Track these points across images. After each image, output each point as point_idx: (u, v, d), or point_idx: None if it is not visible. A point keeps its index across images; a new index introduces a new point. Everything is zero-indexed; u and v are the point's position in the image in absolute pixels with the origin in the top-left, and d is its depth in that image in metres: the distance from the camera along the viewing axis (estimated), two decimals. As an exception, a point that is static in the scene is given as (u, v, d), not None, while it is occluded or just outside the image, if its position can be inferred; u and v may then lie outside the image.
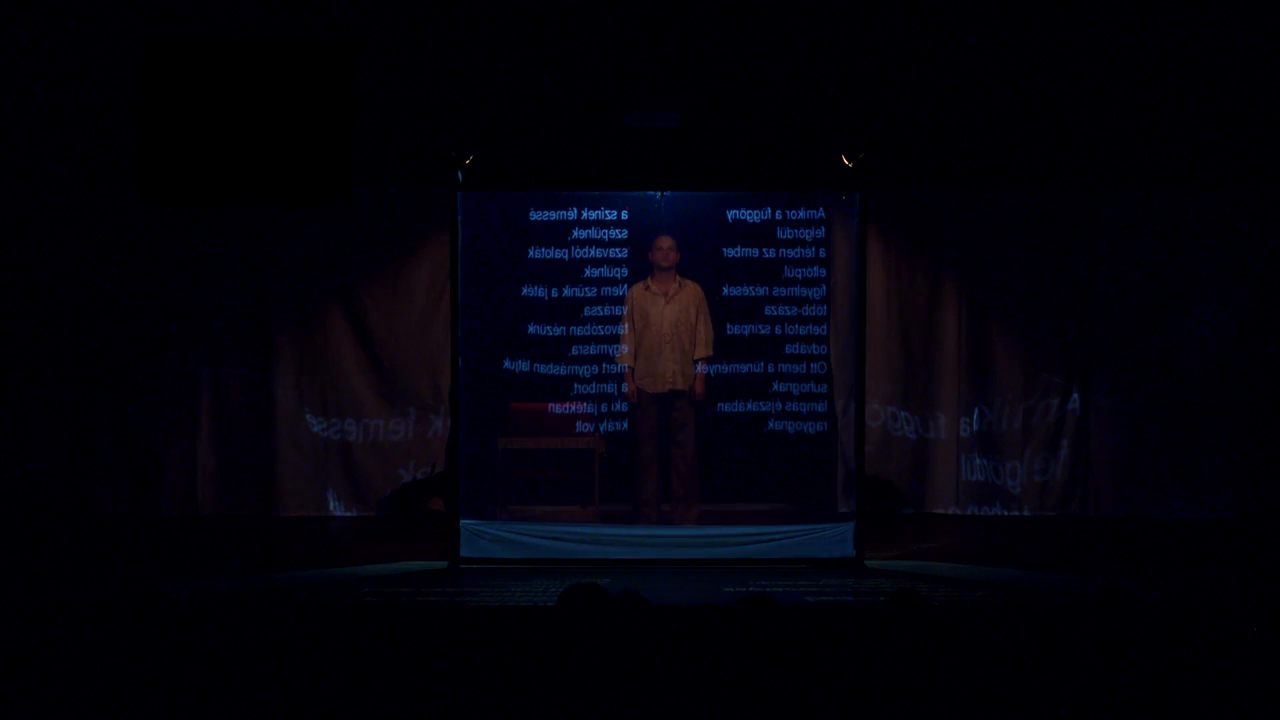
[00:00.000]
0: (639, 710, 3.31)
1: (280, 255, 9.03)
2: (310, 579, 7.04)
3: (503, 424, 7.92)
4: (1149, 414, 8.98)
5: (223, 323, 9.02)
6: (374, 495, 9.06)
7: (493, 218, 7.81)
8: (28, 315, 8.89)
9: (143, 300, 8.95)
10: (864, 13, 7.69)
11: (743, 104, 8.41)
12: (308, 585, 6.87)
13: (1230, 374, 8.94)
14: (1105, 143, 8.75)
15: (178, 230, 8.94)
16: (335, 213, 8.86)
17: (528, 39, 7.85)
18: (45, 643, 3.84)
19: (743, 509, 8.06)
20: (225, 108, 5.10)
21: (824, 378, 7.75)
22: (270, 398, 9.03)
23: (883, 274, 9.08)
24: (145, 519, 8.87)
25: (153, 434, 8.98)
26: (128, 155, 7.57)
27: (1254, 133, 8.62)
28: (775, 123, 8.47)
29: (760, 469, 7.94)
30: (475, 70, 8.13)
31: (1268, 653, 3.73)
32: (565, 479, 7.92)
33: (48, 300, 8.90)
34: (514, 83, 8.21)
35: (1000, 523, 8.91)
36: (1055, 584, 6.88)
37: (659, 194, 7.86)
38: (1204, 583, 6.76)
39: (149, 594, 3.75)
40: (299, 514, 9.00)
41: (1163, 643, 3.53)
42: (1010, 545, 8.21)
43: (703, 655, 3.50)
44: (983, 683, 3.43)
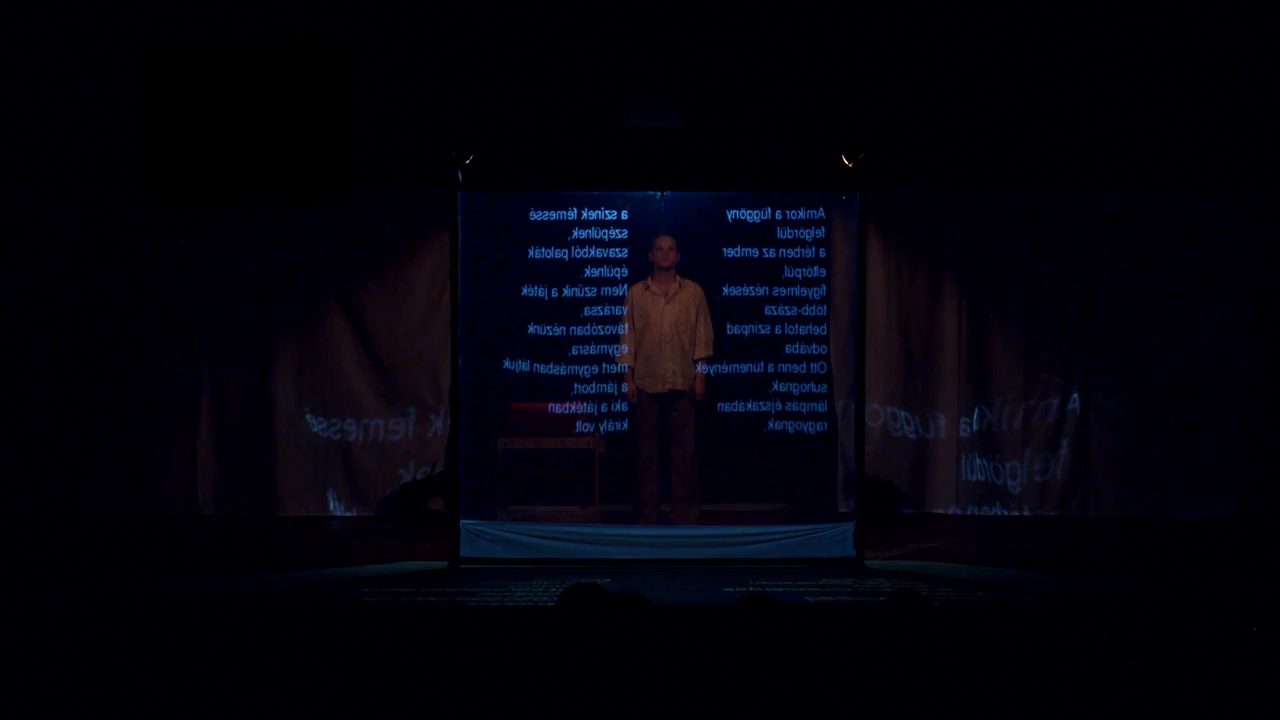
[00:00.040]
0: (639, 710, 3.31)
1: (280, 255, 9.03)
2: (310, 579, 7.03)
3: (503, 424, 7.92)
4: (1149, 414, 8.98)
5: (222, 323, 9.03)
6: (374, 495, 9.07)
7: (493, 218, 7.80)
8: (28, 315, 8.90)
9: (143, 300, 8.95)
10: (864, 13, 7.69)
11: (743, 104, 8.41)
12: (307, 585, 6.86)
13: (1230, 374, 8.95)
14: (1105, 143, 8.75)
15: (178, 230, 8.94)
16: (335, 213, 8.87)
17: (528, 39, 7.85)
18: (45, 643, 3.84)
19: (743, 509, 8.06)
20: (225, 108, 5.10)
21: (824, 378, 7.75)
22: (270, 398, 9.04)
23: (883, 274, 9.09)
24: (145, 519, 8.87)
25: (153, 434, 8.98)
26: (128, 155, 7.57)
27: (1254, 133, 8.62)
28: (775, 123, 8.47)
29: (760, 469, 7.94)
30: (475, 70, 8.13)
31: (1268, 653, 3.73)
32: (565, 479, 7.92)
33: (48, 300, 8.90)
34: (514, 83, 8.20)
35: (1000, 523, 8.91)
36: (1055, 584, 6.88)
37: (659, 194, 7.85)
38: (1204, 583, 6.75)
39: (149, 594, 3.75)
40: (299, 514, 9.00)
41: (1163, 643, 3.53)
42: (1010, 545, 8.21)
43: (703, 655, 3.50)
44: (983, 683, 3.43)
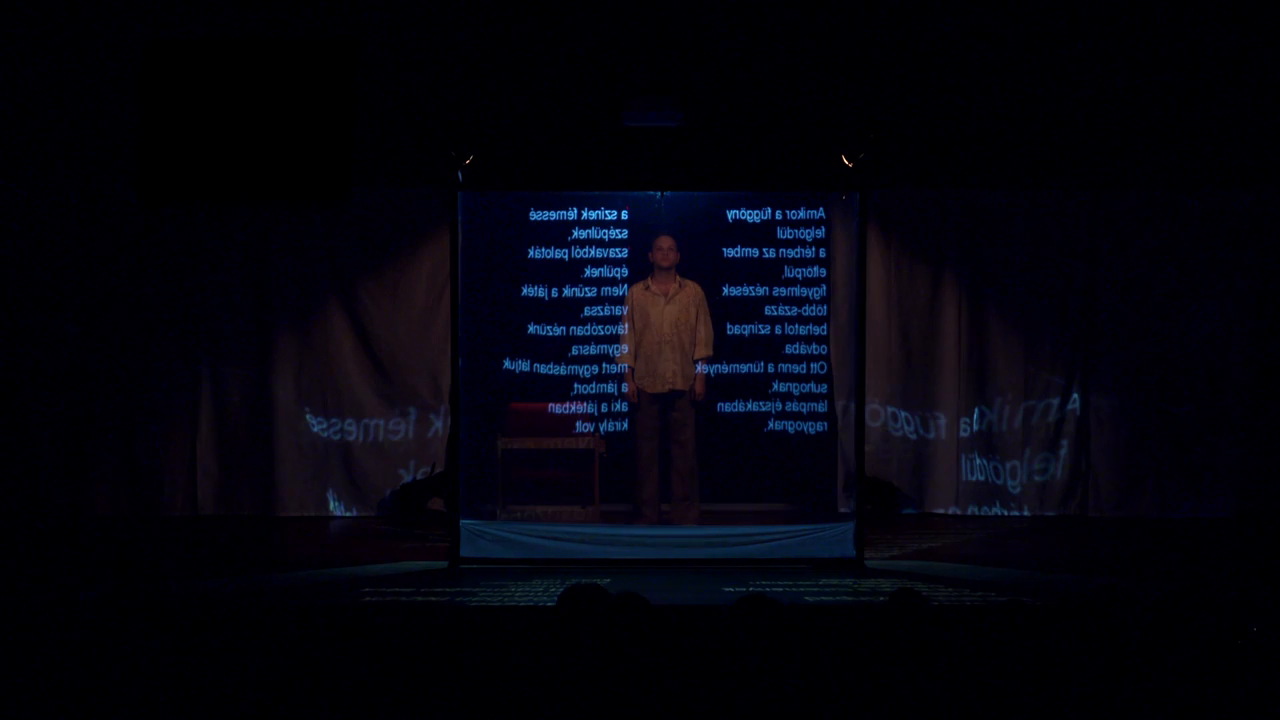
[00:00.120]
0: (639, 710, 3.31)
1: (280, 255, 9.03)
2: (310, 579, 7.03)
3: (503, 424, 7.92)
4: (1149, 414, 8.98)
5: (222, 323, 9.03)
6: (374, 495, 9.07)
7: (493, 218, 7.80)
8: (28, 315, 8.90)
9: (143, 300, 8.95)
10: (864, 13, 7.69)
11: (743, 104, 8.41)
12: (307, 585, 6.86)
13: (1230, 374, 8.95)
14: (1105, 143, 8.75)
15: (178, 230, 8.95)
16: (335, 212, 8.87)
17: (528, 39, 7.86)
18: (45, 643, 3.84)
19: (743, 509, 8.06)
20: (225, 108, 5.10)
21: (824, 378, 7.74)
22: (270, 397, 9.04)
23: (883, 274, 9.09)
24: (145, 519, 8.88)
25: (153, 434, 8.98)
26: (128, 155, 7.57)
27: (1253, 133, 8.63)
28: (775, 123, 8.47)
29: (760, 469, 7.94)
30: (475, 70, 8.14)
31: (1268, 653, 3.73)
32: (565, 479, 7.91)
33: (48, 300, 8.90)
34: (514, 83, 8.21)
35: (1000, 523, 8.91)
36: (1055, 584, 6.87)
37: (659, 194, 7.84)
38: (1204, 583, 6.75)
39: (149, 594, 3.75)
40: (299, 514, 9.01)
41: (1163, 643, 3.53)
42: (1010, 545, 8.21)
43: (703, 655, 3.50)
44: (983, 683, 3.43)
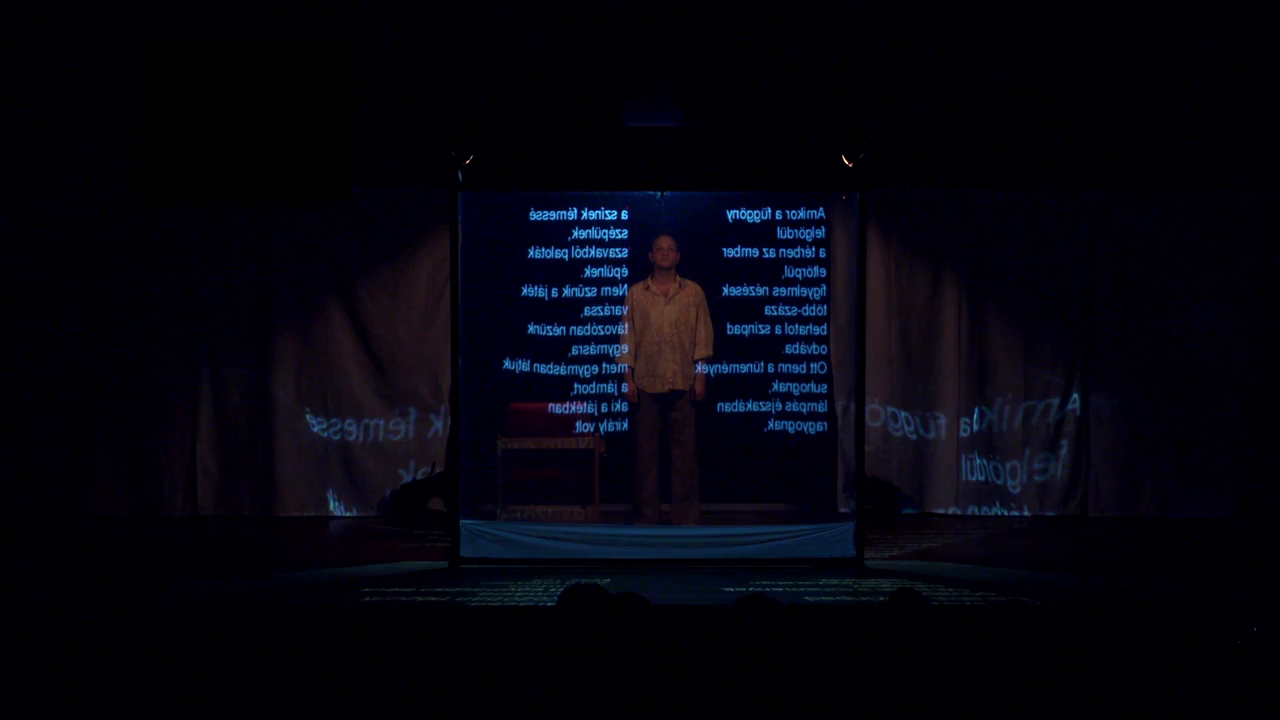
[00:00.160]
0: (639, 710, 3.31)
1: (280, 255, 9.03)
2: (310, 579, 7.03)
3: (503, 424, 7.92)
4: (1149, 414, 8.98)
5: (222, 323, 9.02)
6: (374, 495, 9.07)
7: (493, 218, 7.80)
8: (28, 315, 8.90)
9: (143, 300, 8.95)
10: (864, 13, 7.70)
11: (743, 104, 8.41)
12: (308, 585, 6.86)
13: (1230, 374, 8.95)
14: (1105, 143, 8.75)
15: (178, 230, 8.94)
16: (335, 213, 8.87)
17: (528, 39, 7.86)
18: (45, 643, 3.84)
19: (743, 509, 8.06)
20: (225, 108, 5.10)
21: (824, 378, 7.74)
22: (270, 397, 9.04)
23: (883, 274, 9.08)
24: (145, 519, 8.87)
25: (153, 434, 8.98)
26: (128, 155, 7.57)
27: (1254, 133, 8.62)
28: (775, 123, 8.47)
29: (760, 469, 7.94)
30: (475, 70, 8.14)
31: (1268, 653, 3.73)
32: (565, 479, 7.91)
33: (48, 300, 8.90)
34: (514, 83, 8.21)
35: (1000, 523, 8.91)
36: (1055, 584, 6.87)
37: (659, 194, 7.84)
38: (1204, 583, 6.75)
39: (149, 594, 3.75)
40: (299, 514, 9.00)
41: (1163, 643, 3.53)
42: (1010, 545, 8.21)
43: (703, 655, 3.50)
44: (983, 683, 3.43)
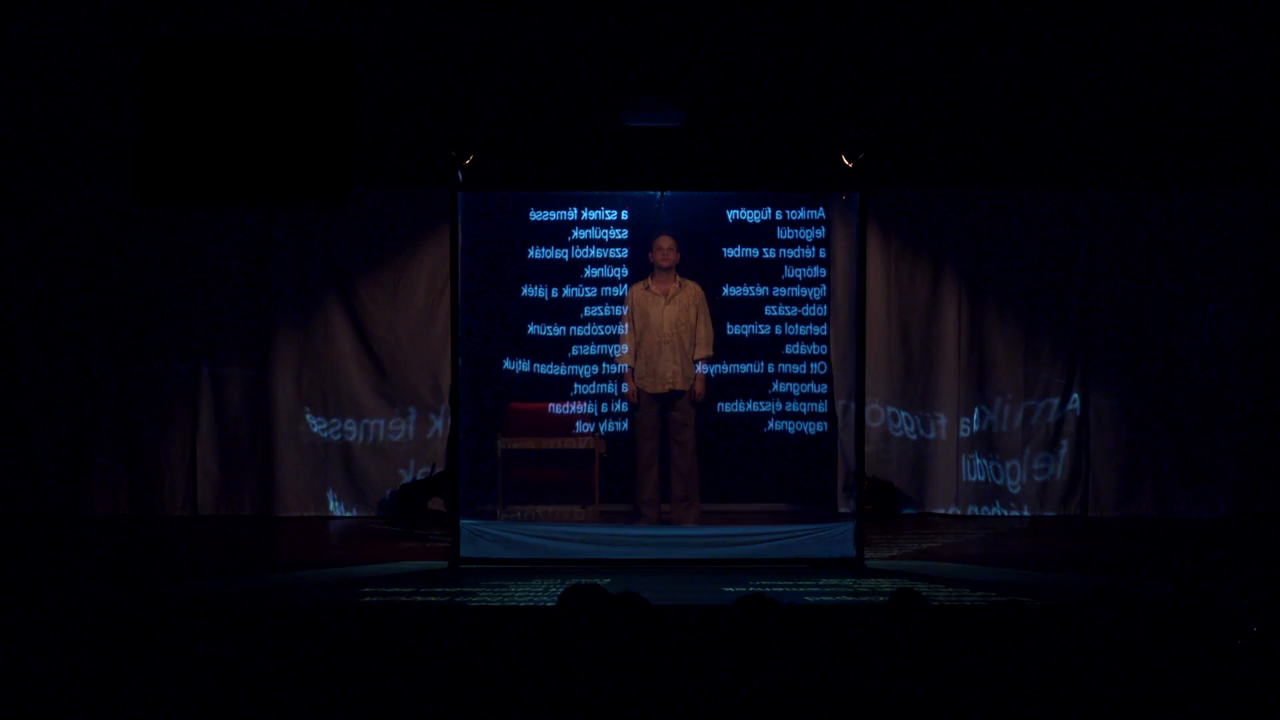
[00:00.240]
0: (639, 710, 3.31)
1: (280, 255, 9.03)
2: (310, 579, 7.03)
3: (503, 424, 7.92)
4: (1149, 414, 8.98)
5: (222, 323, 9.03)
6: (374, 495, 9.07)
7: (493, 218, 7.80)
8: (28, 315, 8.90)
9: (143, 300, 8.95)
10: (864, 13, 7.69)
11: (743, 104, 8.41)
12: (308, 585, 6.86)
13: (1230, 374, 8.95)
14: (1105, 143, 8.75)
15: (178, 230, 8.95)
16: (335, 212, 8.87)
17: (528, 39, 7.85)
18: (45, 643, 3.84)
19: (743, 509, 8.06)
20: (225, 108, 5.09)
21: (824, 378, 7.75)
22: (270, 398, 9.04)
23: (883, 274, 9.08)
24: (145, 519, 8.87)
25: (153, 434, 8.98)
26: (128, 155, 7.56)
27: (1254, 133, 8.62)
28: (775, 123, 8.47)
29: (760, 469, 7.95)
30: (475, 70, 8.13)
31: (1268, 653, 3.72)
32: (565, 479, 7.91)
33: (48, 300, 8.90)
34: (514, 83, 8.21)
35: (1000, 523, 8.91)
36: (1055, 584, 6.87)
37: (659, 194, 7.84)
38: (1204, 583, 6.74)
39: (149, 594, 3.75)
40: (299, 514, 9.01)
41: (1163, 643, 3.53)
42: (1010, 545, 8.21)
43: (703, 655, 3.50)
44: (983, 683, 3.43)
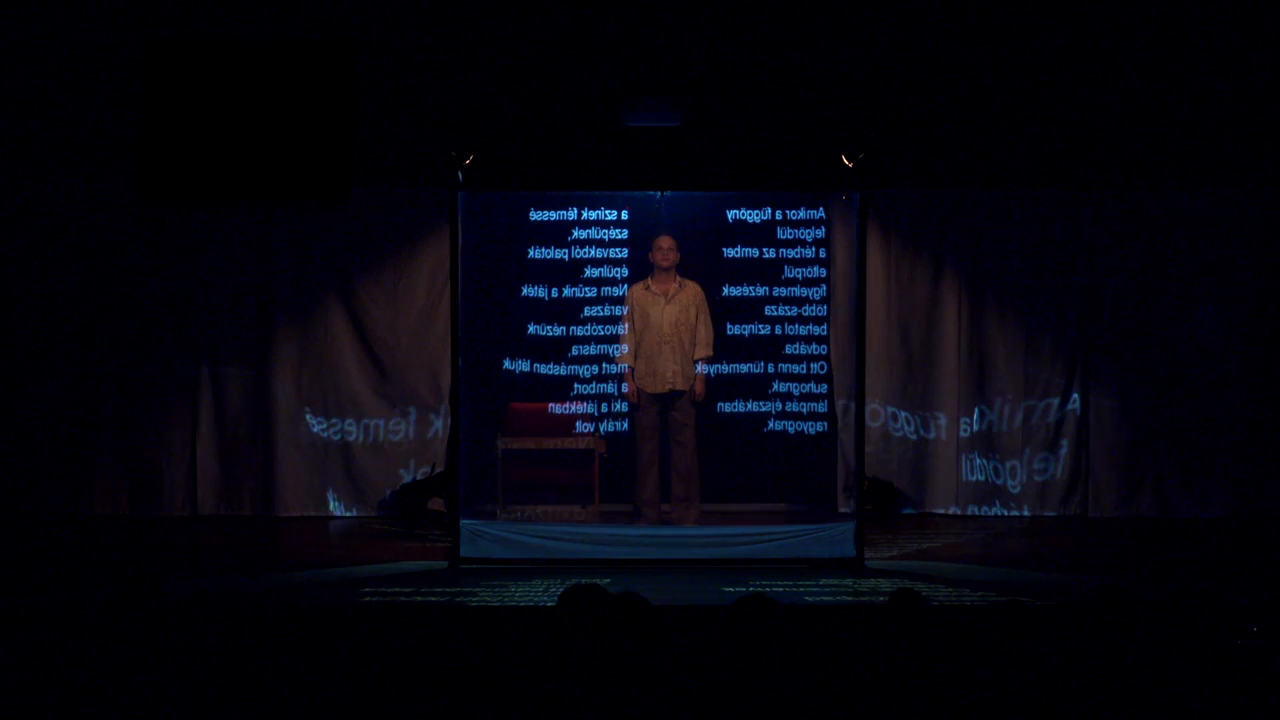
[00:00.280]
0: (639, 710, 3.31)
1: (280, 256, 9.03)
2: (310, 579, 7.03)
3: (503, 424, 7.92)
4: (1149, 414, 8.98)
5: (222, 323, 9.03)
6: (374, 495, 9.07)
7: (493, 218, 7.81)
8: (28, 315, 8.90)
9: (143, 300, 8.95)
10: (864, 13, 7.70)
11: (743, 104, 8.41)
12: (307, 585, 6.86)
13: (1230, 374, 8.95)
14: (1105, 143, 8.75)
15: (178, 230, 8.95)
16: (335, 212, 8.87)
17: (528, 39, 7.86)
18: (45, 643, 3.84)
19: (743, 509, 8.07)
20: (225, 108, 5.09)
21: (824, 378, 7.75)
22: (270, 398, 9.04)
23: (883, 274, 9.08)
24: (145, 519, 8.87)
25: (153, 434, 8.98)
26: (128, 155, 7.56)
27: (1254, 133, 8.62)
28: (775, 123, 8.47)
29: (760, 469, 7.95)
30: (475, 70, 8.14)
31: (1268, 653, 3.72)
32: (565, 479, 7.91)
33: (48, 300, 8.90)
34: (514, 83, 8.21)
35: (1000, 523, 8.91)
36: (1055, 584, 6.87)
37: (659, 194, 7.84)
38: (1204, 583, 6.74)
39: (149, 594, 3.75)
40: (299, 514, 9.01)
41: (1163, 643, 3.53)
42: (1010, 545, 8.21)
43: (703, 655, 3.50)
44: (983, 683, 3.43)
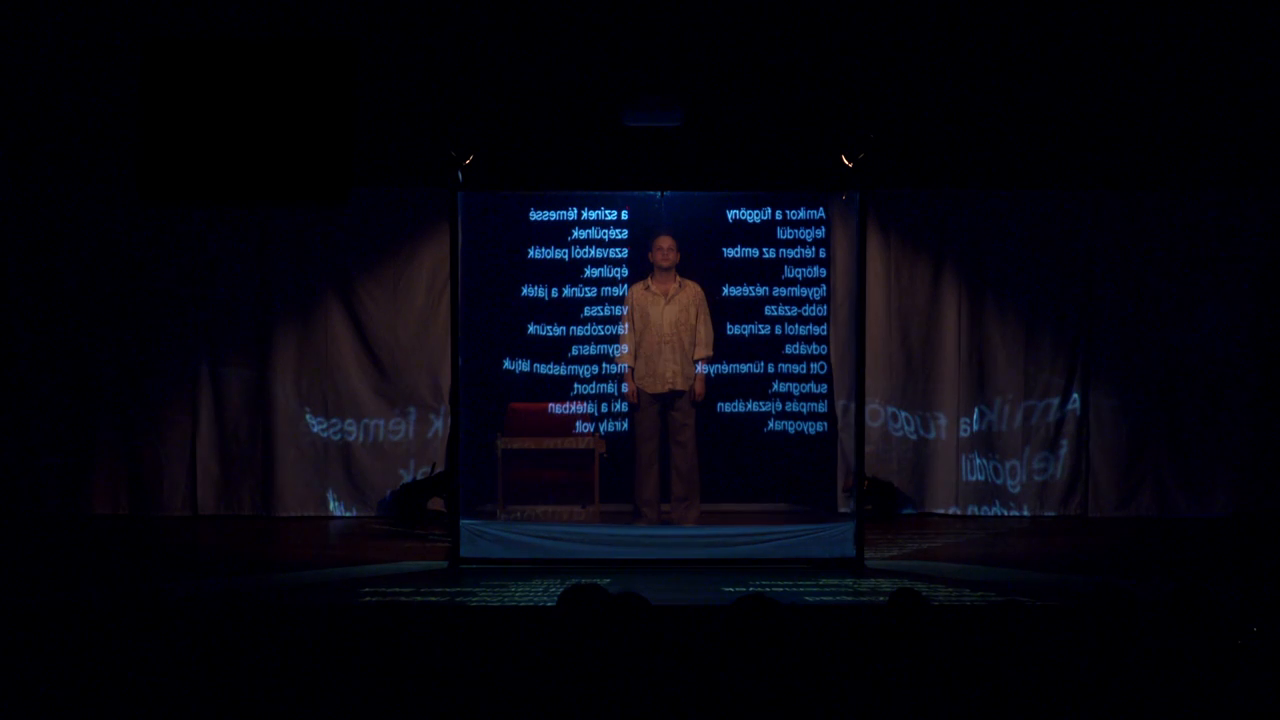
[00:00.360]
0: (639, 710, 3.31)
1: (280, 256, 9.03)
2: (310, 579, 7.03)
3: (503, 424, 7.92)
4: (1149, 414, 8.98)
5: (222, 323, 9.03)
6: (374, 495, 9.07)
7: (493, 218, 7.80)
8: (28, 315, 8.90)
9: (142, 300, 8.95)
10: (864, 13, 7.70)
11: (743, 104, 8.42)
12: (307, 585, 6.86)
13: (1230, 374, 8.95)
14: (1105, 143, 8.75)
15: (178, 230, 8.94)
16: (335, 212, 8.87)
17: (528, 39, 7.87)
18: (45, 643, 3.84)
19: (743, 509, 8.06)
20: (225, 108, 5.09)
21: (824, 378, 7.74)
22: (270, 397, 9.04)
23: (883, 274, 9.09)
24: (145, 519, 8.87)
25: (153, 434, 8.99)
26: (128, 155, 7.57)
27: (1254, 133, 8.63)
28: (775, 123, 8.48)
29: (760, 469, 7.94)
30: (475, 70, 8.14)
31: (1268, 653, 3.73)
32: (565, 479, 7.91)
33: (48, 300, 8.90)
34: (514, 83, 8.21)
35: (1000, 522, 8.91)
36: (1055, 584, 6.87)
37: (659, 194, 7.84)
38: (1204, 583, 6.74)
39: (149, 594, 3.75)
40: (299, 514, 9.01)
41: (1163, 643, 3.53)
42: (1010, 545, 8.21)
43: (703, 655, 3.50)
44: (983, 683, 3.43)
